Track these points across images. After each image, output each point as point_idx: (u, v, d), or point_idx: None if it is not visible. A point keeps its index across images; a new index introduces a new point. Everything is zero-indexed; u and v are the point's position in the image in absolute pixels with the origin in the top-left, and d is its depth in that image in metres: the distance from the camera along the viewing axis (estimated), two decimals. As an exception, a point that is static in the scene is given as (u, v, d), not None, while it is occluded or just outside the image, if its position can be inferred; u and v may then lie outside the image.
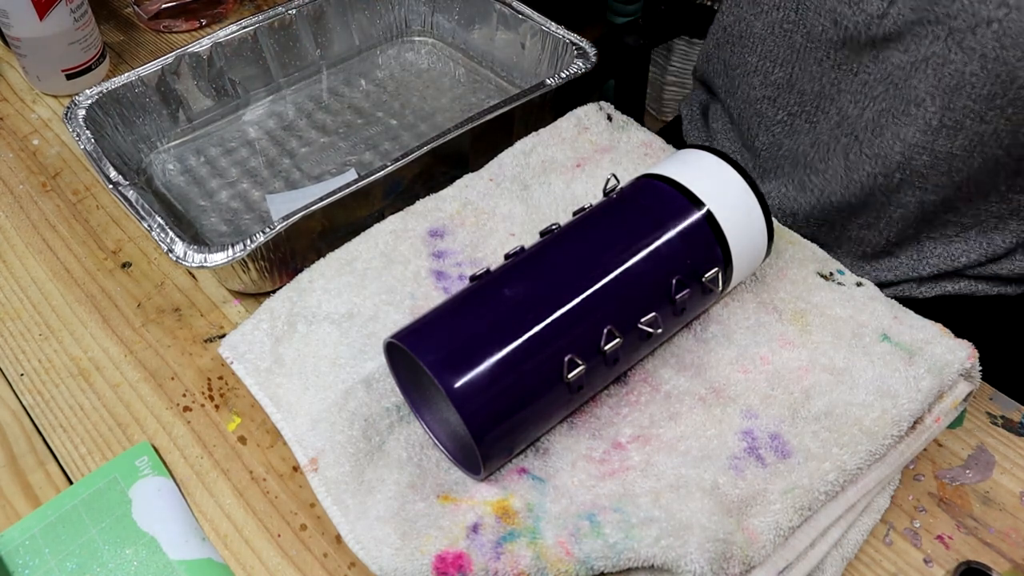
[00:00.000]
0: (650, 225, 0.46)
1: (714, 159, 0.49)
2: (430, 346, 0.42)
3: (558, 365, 0.42)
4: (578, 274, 0.44)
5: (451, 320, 0.43)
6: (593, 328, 0.43)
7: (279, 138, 0.71)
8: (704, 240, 0.46)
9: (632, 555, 0.40)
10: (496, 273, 0.45)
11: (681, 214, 0.46)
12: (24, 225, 0.65)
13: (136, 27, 0.84)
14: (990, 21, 0.46)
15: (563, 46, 0.70)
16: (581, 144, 0.61)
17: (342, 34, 0.77)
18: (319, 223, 0.56)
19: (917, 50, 0.52)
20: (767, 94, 0.66)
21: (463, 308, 0.43)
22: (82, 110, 0.63)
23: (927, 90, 0.53)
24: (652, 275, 0.45)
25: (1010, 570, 0.45)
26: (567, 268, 0.45)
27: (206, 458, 0.51)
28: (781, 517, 0.42)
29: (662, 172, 0.49)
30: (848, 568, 0.45)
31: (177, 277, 0.61)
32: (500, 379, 0.41)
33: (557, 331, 0.43)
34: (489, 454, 0.42)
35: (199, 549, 0.46)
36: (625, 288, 0.44)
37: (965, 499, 0.48)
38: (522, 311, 0.43)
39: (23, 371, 0.56)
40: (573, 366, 0.42)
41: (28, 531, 0.47)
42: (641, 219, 0.47)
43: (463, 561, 0.40)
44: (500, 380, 0.41)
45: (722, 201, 0.47)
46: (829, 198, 0.65)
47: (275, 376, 0.49)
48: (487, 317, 0.43)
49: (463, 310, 0.43)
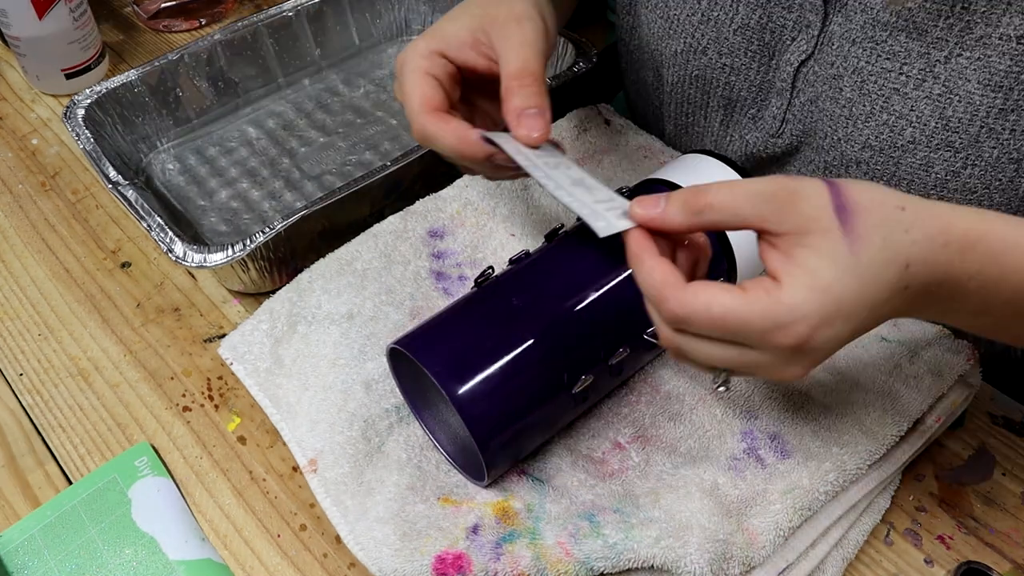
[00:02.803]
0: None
1: (718, 164, 0.49)
2: (435, 353, 0.42)
3: (564, 376, 0.42)
4: (584, 283, 0.44)
5: (457, 327, 0.43)
6: (600, 339, 0.43)
7: (279, 138, 0.71)
8: (712, 250, 0.46)
9: (632, 555, 0.40)
10: (502, 279, 0.45)
11: None
12: (23, 225, 0.65)
13: (136, 26, 0.84)
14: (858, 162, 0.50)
15: (563, 46, 0.70)
16: (581, 144, 0.61)
17: (342, 34, 0.77)
18: (319, 223, 0.56)
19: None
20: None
21: (469, 315, 0.43)
22: (81, 109, 0.63)
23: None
24: None
25: (1011, 570, 0.45)
26: (573, 276, 0.44)
27: (206, 458, 0.51)
28: (781, 517, 0.42)
29: (667, 177, 0.49)
30: (849, 568, 0.45)
31: (177, 277, 0.61)
32: (506, 389, 0.41)
33: (564, 341, 0.42)
34: (493, 462, 0.42)
35: (199, 549, 0.46)
36: (631, 298, 0.44)
37: (966, 499, 0.48)
38: (528, 320, 0.42)
39: (22, 371, 0.56)
40: (580, 378, 0.42)
41: (27, 531, 0.47)
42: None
43: (463, 562, 0.40)
44: (506, 390, 0.41)
45: None
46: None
47: (275, 376, 0.49)
48: (493, 325, 0.43)
49: (469, 317, 0.42)
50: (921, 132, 0.47)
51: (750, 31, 0.53)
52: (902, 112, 0.47)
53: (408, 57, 0.44)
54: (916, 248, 0.34)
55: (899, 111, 0.47)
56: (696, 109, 0.60)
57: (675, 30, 0.56)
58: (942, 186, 0.48)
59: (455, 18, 0.44)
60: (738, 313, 0.33)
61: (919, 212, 0.34)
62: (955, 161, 0.47)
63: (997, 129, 0.45)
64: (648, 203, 0.36)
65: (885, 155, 0.49)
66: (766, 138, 0.56)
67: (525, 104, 0.41)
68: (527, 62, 0.41)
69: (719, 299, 0.33)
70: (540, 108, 0.41)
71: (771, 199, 0.34)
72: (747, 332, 0.34)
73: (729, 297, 0.33)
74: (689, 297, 0.34)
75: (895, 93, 0.47)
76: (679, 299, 0.34)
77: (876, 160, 0.49)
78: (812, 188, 0.34)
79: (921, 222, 0.34)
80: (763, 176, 0.35)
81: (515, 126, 0.40)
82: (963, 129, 0.46)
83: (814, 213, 0.33)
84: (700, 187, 0.35)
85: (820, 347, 0.34)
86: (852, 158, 0.50)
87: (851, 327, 0.34)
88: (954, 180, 0.47)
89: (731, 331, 0.34)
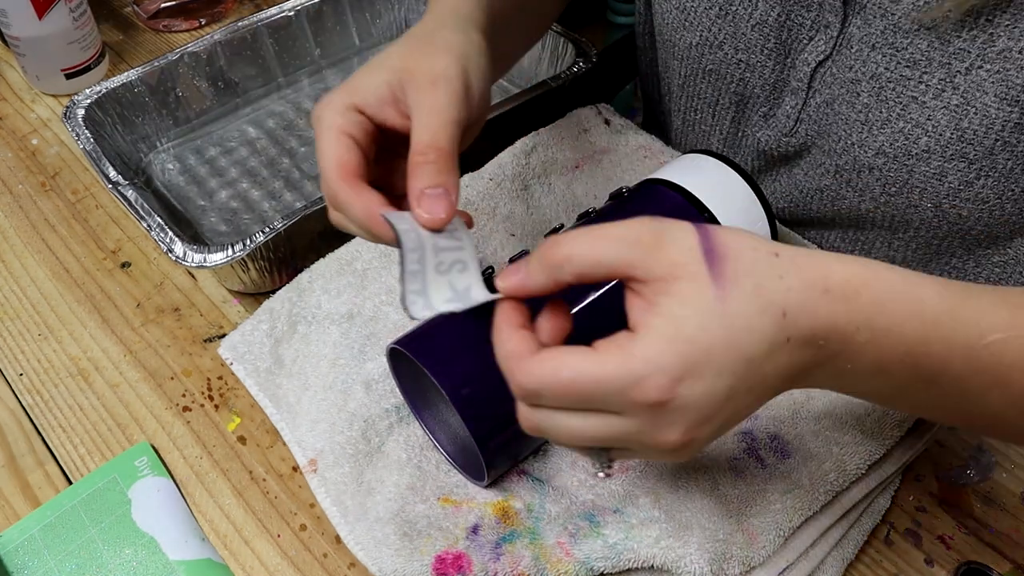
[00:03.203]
0: None
1: (717, 163, 0.49)
2: (435, 353, 0.42)
3: None
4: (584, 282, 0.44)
5: (456, 327, 0.43)
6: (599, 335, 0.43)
7: (279, 138, 0.71)
8: None
9: (632, 556, 0.40)
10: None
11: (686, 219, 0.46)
12: (23, 225, 0.65)
13: (135, 26, 0.84)
14: (871, 168, 0.49)
15: (563, 46, 0.70)
16: (581, 144, 0.61)
17: (342, 34, 0.77)
18: (319, 223, 0.56)
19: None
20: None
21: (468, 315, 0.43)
22: (81, 109, 0.63)
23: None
24: None
25: (1011, 570, 0.45)
26: None
27: (205, 458, 0.51)
28: (781, 517, 0.42)
29: (666, 177, 0.49)
30: (849, 568, 0.45)
31: (177, 277, 0.61)
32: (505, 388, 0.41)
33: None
34: (493, 462, 0.42)
35: (198, 549, 0.46)
36: None
37: (966, 499, 0.48)
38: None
39: (22, 371, 0.56)
40: None
41: (27, 531, 0.47)
42: None
43: (463, 562, 0.40)
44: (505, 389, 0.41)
45: (726, 205, 0.47)
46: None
47: (275, 376, 0.49)
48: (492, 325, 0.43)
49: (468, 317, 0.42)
50: (936, 142, 0.46)
51: (768, 28, 0.52)
52: (919, 120, 0.47)
53: (324, 113, 0.39)
54: (793, 295, 0.31)
55: (916, 119, 0.47)
56: (706, 104, 0.60)
57: (691, 22, 0.55)
58: (955, 195, 0.48)
59: (374, 70, 0.40)
60: (590, 373, 0.31)
61: (795, 259, 0.32)
62: (969, 172, 0.46)
63: (1012, 142, 0.45)
64: (510, 271, 0.34)
65: (899, 163, 0.48)
66: (779, 136, 0.56)
67: (426, 183, 0.37)
68: (434, 135, 0.38)
69: (568, 362, 0.31)
70: (444, 187, 0.37)
71: (635, 244, 0.31)
72: (603, 394, 0.31)
73: (578, 358, 0.31)
74: (535, 366, 0.31)
75: (913, 101, 0.47)
76: (525, 369, 0.32)
77: (889, 167, 0.49)
78: (680, 231, 0.32)
79: (797, 268, 0.32)
80: (640, 217, 0.33)
81: (414, 206, 0.37)
82: (978, 141, 0.45)
83: (681, 258, 0.31)
84: (557, 238, 0.33)
85: (691, 404, 0.31)
86: (865, 163, 0.50)
87: (726, 382, 0.31)
88: (967, 190, 0.47)
89: (586, 396, 0.31)
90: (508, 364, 0.33)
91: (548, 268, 0.33)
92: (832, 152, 0.52)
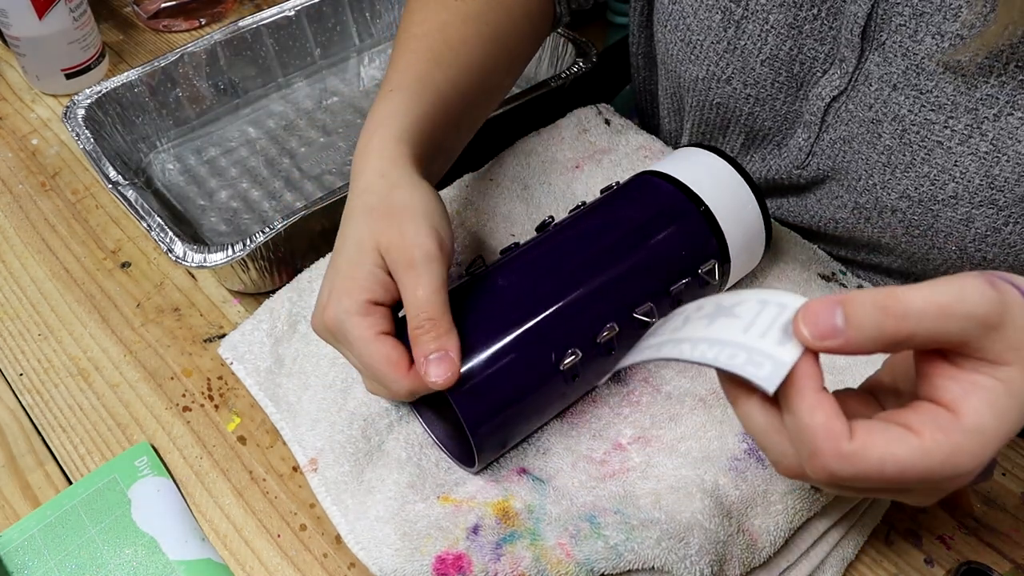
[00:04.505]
0: (645, 217, 0.46)
1: (709, 155, 0.49)
2: None
3: (553, 354, 0.42)
4: (572, 264, 0.44)
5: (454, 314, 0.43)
6: (588, 317, 0.43)
7: (279, 138, 0.71)
8: (700, 232, 0.46)
9: (633, 557, 0.40)
10: (491, 266, 0.46)
11: (676, 206, 0.47)
12: (23, 225, 0.65)
13: (135, 26, 0.84)
14: (894, 210, 0.49)
15: (563, 46, 0.70)
16: (581, 145, 0.61)
17: (342, 34, 0.77)
18: (319, 223, 0.56)
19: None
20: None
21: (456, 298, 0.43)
22: (81, 109, 0.63)
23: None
24: (647, 266, 0.45)
25: (1011, 570, 0.45)
26: (561, 258, 0.45)
27: (205, 458, 0.51)
28: (782, 518, 0.42)
29: (659, 168, 0.49)
30: (849, 568, 0.45)
31: (177, 277, 0.61)
32: (494, 367, 0.41)
33: (551, 319, 0.43)
34: (483, 445, 0.42)
35: (198, 549, 0.46)
36: (620, 278, 0.44)
37: (966, 499, 0.48)
38: (516, 300, 0.43)
39: (22, 371, 0.56)
40: (568, 355, 0.42)
41: (27, 531, 0.47)
42: (636, 211, 0.47)
43: (463, 562, 0.40)
44: (494, 368, 0.41)
45: (718, 194, 0.47)
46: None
47: (275, 376, 0.49)
48: (481, 307, 0.43)
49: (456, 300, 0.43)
50: (964, 188, 0.45)
51: (779, 62, 0.51)
52: (945, 166, 0.45)
53: (345, 324, 0.40)
54: None
55: (942, 165, 0.45)
56: (715, 131, 0.59)
57: (697, 56, 0.54)
58: (981, 240, 0.46)
59: (355, 258, 0.42)
60: (916, 468, 0.28)
61: None
62: (998, 218, 0.45)
63: None
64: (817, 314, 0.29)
65: (924, 207, 0.47)
66: (790, 168, 0.55)
67: (428, 351, 0.39)
68: (424, 306, 0.40)
69: (894, 454, 0.28)
70: (445, 350, 0.39)
71: (983, 322, 0.28)
72: (921, 483, 0.29)
73: (905, 450, 0.28)
74: (856, 458, 0.28)
75: (938, 146, 0.45)
76: (844, 455, 0.28)
77: (914, 211, 0.48)
78: (1020, 310, 0.29)
79: None
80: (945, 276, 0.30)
81: (422, 372, 0.39)
82: (1009, 188, 0.44)
83: (1019, 343, 0.29)
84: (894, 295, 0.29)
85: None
86: (888, 205, 0.49)
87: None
88: (994, 235, 0.46)
89: (904, 486, 0.29)
90: (817, 442, 0.29)
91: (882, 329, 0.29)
92: (852, 189, 0.51)
